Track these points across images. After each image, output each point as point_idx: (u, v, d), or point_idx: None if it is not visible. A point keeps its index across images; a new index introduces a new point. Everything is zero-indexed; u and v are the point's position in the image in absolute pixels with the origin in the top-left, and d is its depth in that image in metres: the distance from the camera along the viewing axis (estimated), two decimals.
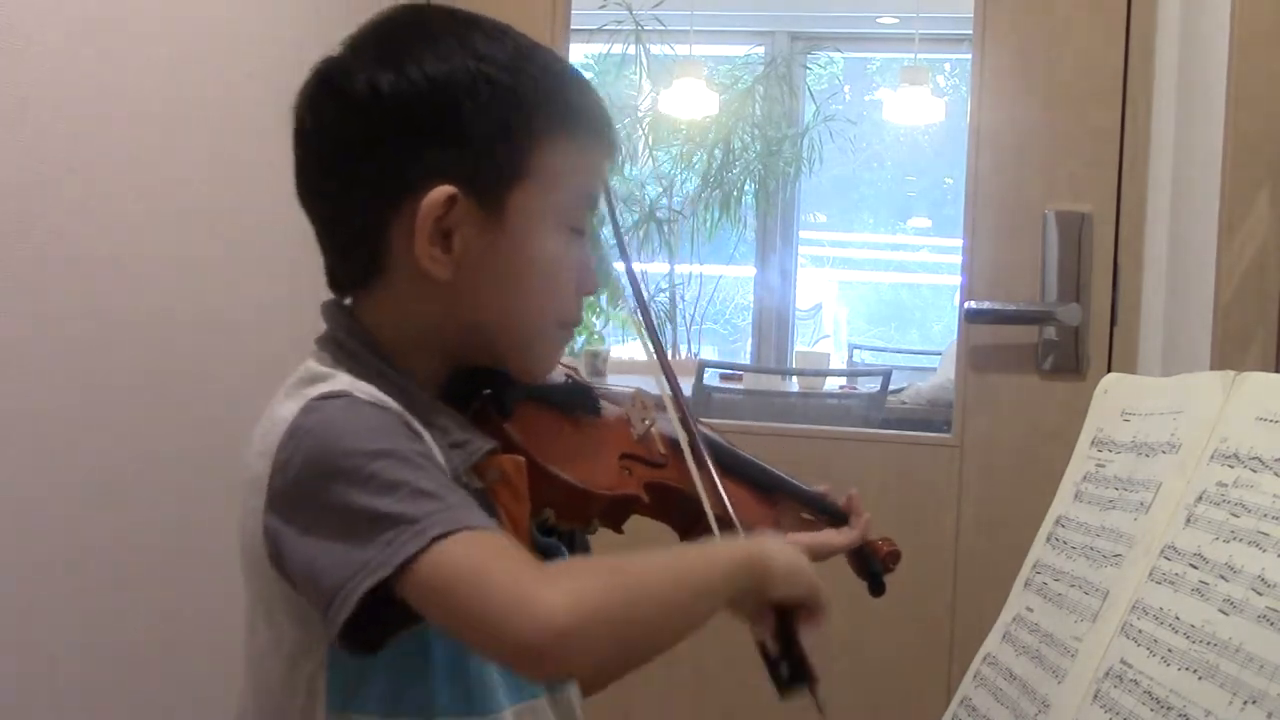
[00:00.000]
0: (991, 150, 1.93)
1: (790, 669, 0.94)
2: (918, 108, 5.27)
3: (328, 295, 1.02)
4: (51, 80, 1.33)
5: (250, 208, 1.65)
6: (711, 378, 4.47)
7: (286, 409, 0.91)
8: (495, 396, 1.01)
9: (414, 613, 0.84)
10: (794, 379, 4.98)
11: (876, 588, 1.26)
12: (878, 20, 5.94)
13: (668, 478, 1.10)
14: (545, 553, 1.02)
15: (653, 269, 5.98)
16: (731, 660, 1.92)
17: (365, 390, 0.92)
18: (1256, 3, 1.57)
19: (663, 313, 5.85)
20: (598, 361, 4.80)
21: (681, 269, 6.01)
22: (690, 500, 1.10)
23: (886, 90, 5.88)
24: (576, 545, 1.11)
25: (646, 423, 1.12)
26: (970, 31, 1.95)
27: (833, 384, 4.94)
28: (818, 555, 1.20)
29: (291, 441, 0.89)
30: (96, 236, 1.41)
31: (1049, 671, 0.98)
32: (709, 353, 6.19)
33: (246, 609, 0.96)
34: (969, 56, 1.98)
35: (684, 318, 6.00)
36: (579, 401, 1.09)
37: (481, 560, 0.82)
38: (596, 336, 5.61)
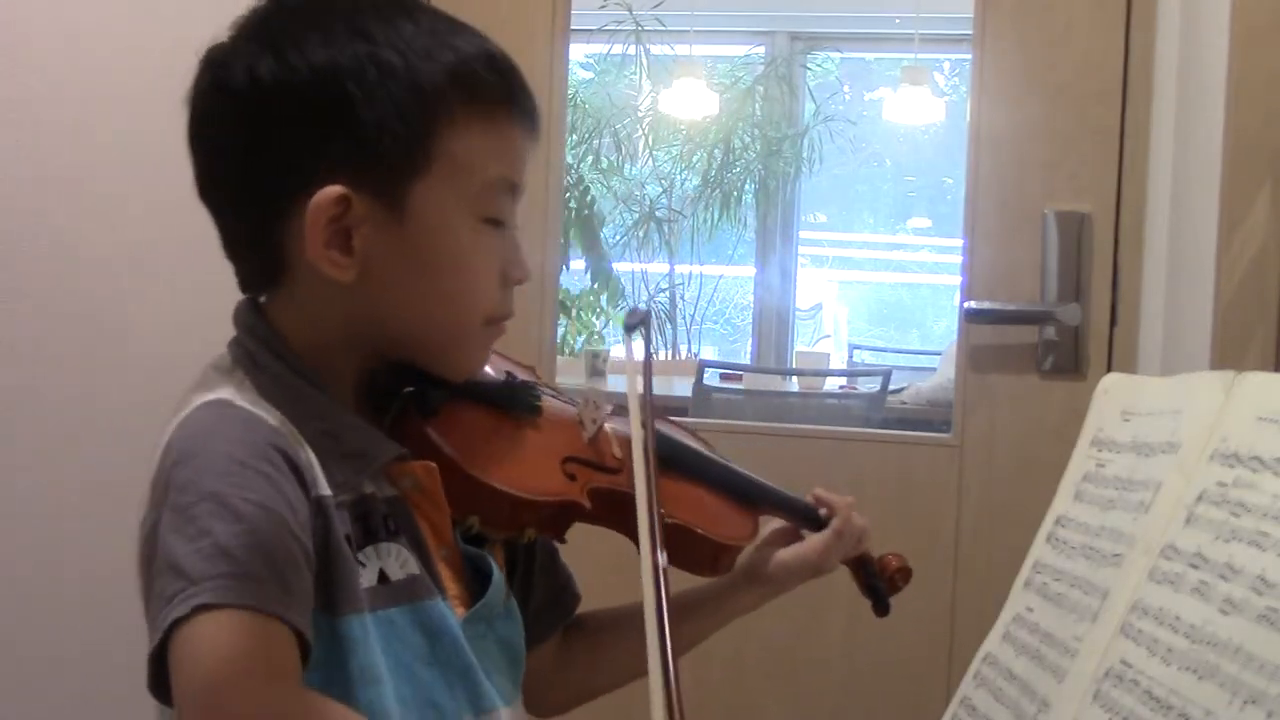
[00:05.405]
0: (991, 150, 1.93)
1: None
2: (918, 108, 5.28)
3: None
4: (52, 81, 1.33)
5: None
6: (711, 378, 4.47)
7: (177, 417, 0.86)
8: (418, 395, 0.94)
9: None
10: (794, 379, 4.98)
11: (880, 607, 1.17)
12: (877, 20, 5.94)
13: (620, 484, 1.00)
14: (472, 562, 0.95)
15: (653, 269, 5.99)
16: (738, 659, 1.92)
17: (247, 399, 0.86)
18: (1256, 1, 1.57)
19: (663, 313, 5.86)
20: (598, 361, 4.80)
21: (681, 269, 6.02)
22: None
23: (886, 90, 5.88)
24: (535, 555, 1.05)
25: (598, 425, 1.02)
26: (970, 31, 1.95)
27: (833, 384, 4.95)
28: (802, 572, 1.13)
29: (164, 456, 0.83)
30: (100, 238, 1.41)
31: (1049, 671, 0.97)
32: (709, 353, 6.19)
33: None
34: (969, 56, 1.98)
35: (684, 318, 6.01)
36: (518, 400, 1.00)
37: (225, 648, 0.73)
38: (596, 336, 5.62)
